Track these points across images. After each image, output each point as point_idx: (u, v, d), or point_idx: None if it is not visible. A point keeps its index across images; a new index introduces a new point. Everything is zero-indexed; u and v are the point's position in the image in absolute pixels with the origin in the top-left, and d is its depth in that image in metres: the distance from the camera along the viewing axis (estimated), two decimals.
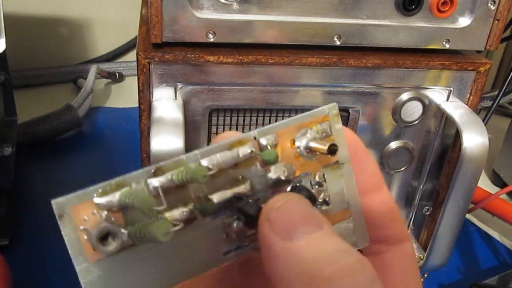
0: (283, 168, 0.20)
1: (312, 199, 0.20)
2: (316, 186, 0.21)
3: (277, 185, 0.20)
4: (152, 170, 0.17)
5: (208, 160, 0.18)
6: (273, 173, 0.20)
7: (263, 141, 0.19)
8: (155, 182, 0.17)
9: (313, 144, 0.20)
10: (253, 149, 0.19)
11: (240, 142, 0.19)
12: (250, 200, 0.19)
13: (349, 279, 0.15)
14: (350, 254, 0.16)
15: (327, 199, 0.21)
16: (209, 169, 0.18)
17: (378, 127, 0.38)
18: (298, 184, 0.20)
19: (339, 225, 0.21)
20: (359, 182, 0.21)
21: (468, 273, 0.51)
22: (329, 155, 0.19)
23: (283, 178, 0.20)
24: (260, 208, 0.18)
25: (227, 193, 0.18)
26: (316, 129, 0.20)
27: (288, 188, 0.20)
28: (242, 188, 0.19)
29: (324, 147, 0.19)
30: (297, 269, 0.16)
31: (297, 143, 0.20)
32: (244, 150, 0.19)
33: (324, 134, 0.20)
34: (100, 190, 0.16)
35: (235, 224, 0.19)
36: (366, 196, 0.21)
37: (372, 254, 0.21)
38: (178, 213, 0.17)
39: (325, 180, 0.21)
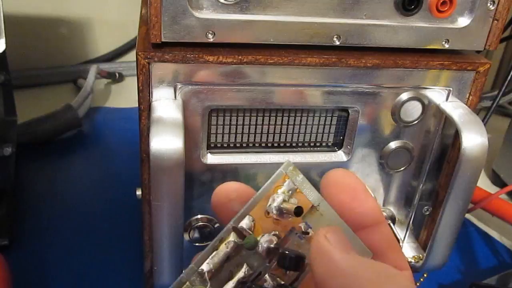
0: (268, 238, 0.22)
1: (300, 258, 0.22)
2: (304, 236, 0.23)
3: (271, 253, 0.22)
4: None
5: (206, 266, 0.21)
6: (262, 246, 0.22)
7: (243, 226, 0.21)
8: None
9: (283, 206, 0.22)
10: (235, 240, 0.21)
11: (222, 239, 0.21)
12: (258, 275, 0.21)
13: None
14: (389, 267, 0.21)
15: None
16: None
17: (377, 127, 0.38)
18: (287, 252, 0.22)
19: None
20: (359, 216, 0.23)
21: (468, 273, 0.51)
22: (296, 216, 0.22)
23: (272, 246, 0.22)
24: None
25: (231, 284, 0.21)
26: (282, 191, 0.22)
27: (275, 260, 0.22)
28: (242, 272, 0.21)
29: (292, 209, 0.22)
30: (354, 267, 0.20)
31: (270, 213, 0.22)
32: (229, 243, 0.21)
33: (290, 191, 0.22)
34: None
35: None
36: (366, 230, 0.23)
37: None
38: None
39: (310, 227, 0.23)
